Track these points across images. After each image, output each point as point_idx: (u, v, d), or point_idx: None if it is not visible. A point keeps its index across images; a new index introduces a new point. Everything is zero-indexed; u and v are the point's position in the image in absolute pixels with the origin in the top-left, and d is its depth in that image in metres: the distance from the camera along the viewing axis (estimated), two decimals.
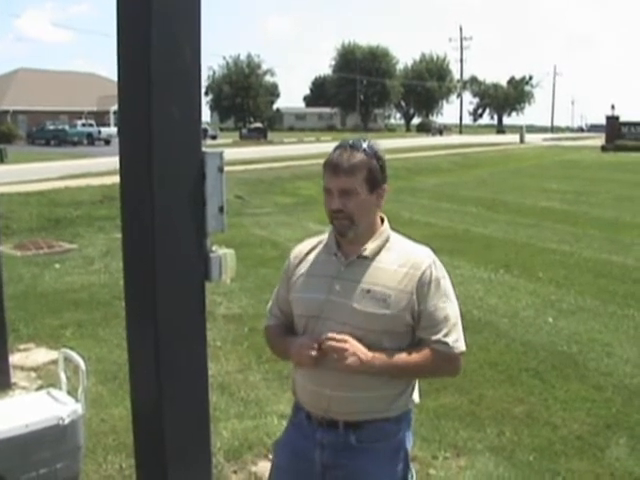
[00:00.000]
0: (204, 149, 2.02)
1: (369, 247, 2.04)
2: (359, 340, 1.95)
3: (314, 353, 1.95)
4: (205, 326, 2.33)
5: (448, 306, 2.02)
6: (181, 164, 1.95)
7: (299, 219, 13.30)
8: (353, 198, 1.96)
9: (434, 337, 1.99)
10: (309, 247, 2.18)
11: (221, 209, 2.15)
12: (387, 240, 2.08)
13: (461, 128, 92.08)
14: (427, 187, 19.72)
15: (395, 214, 12.31)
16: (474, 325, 6.06)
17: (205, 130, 50.57)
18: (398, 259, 2.02)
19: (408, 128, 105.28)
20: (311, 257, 2.14)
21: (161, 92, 1.80)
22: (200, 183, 2.02)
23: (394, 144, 36.67)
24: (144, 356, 2.03)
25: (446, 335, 1.99)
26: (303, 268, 2.13)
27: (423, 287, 1.99)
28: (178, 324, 2.08)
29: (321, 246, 2.15)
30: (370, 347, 1.95)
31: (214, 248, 2.21)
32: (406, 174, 22.57)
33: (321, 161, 2.07)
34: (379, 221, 2.11)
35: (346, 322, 1.98)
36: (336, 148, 2.02)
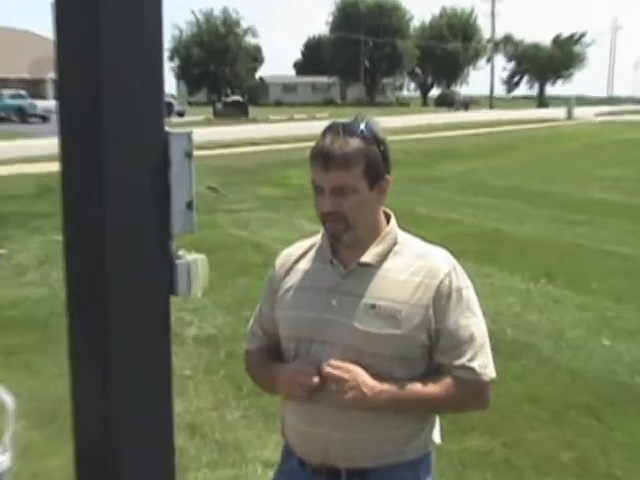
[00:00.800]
0: (168, 129, 2.02)
1: (373, 252, 2.05)
2: (365, 368, 1.97)
3: (315, 380, 1.96)
4: (170, 351, 2.32)
5: (473, 322, 2.04)
6: (138, 148, 1.95)
7: (289, 216, 13.32)
8: (349, 197, 1.98)
9: (456, 362, 2.00)
10: (299, 253, 2.19)
11: (189, 204, 2.15)
12: (395, 242, 2.09)
13: (492, 101, 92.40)
14: (448, 176, 19.78)
15: (408, 210, 12.36)
16: (508, 348, 6.07)
17: (170, 105, 50.62)
18: (409, 266, 2.04)
19: (425, 102, 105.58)
20: (301, 265, 2.16)
21: (112, 56, 1.80)
22: (163, 172, 2.01)
23: (407, 122, 36.73)
24: (92, 391, 2.02)
25: (471, 359, 2.01)
26: (292, 279, 2.14)
27: (441, 300, 2.01)
28: (135, 349, 2.07)
29: (313, 251, 2.16)
30: (377, 376, 1.97)
31: (181, 253, 2.20)
32: (422, 160, 22.63)
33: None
34: (383, 219, 2.11)
35: (346, 346, 1.99)
36: (325, 133, 2.02)
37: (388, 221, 2.12)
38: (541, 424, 4.85)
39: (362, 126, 1.99)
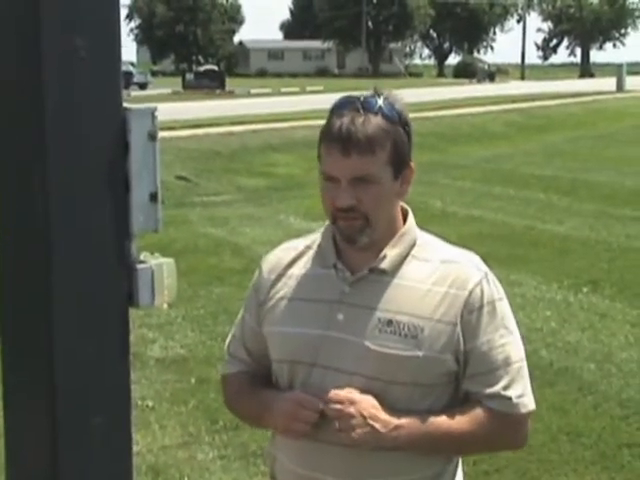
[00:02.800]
0: (126, 105, 2.02)
1: (388, 255, 2.05)
2: (378, 398, 1.96)
3: (316, 415, 1.95)
4: (129, 376, 2.32)
5: (509, 342, 2.05)
6: (89, 128, 1.94)
7: (275, 211, 13.34)
8: (372, 188, 1.97)
9: (489, 390, 2.01)
10: (292, 255, 2.19)
11: (153, 197, 2.14)
12: (413, 244, 2.09)
13: (523, 70, 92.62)
14: (470, 162, 19.83)
15: (421, 203, 12.39)
16: (544, 373, 6.09)
17: (128, 75, 50.62)
18: (432, 273, 2.04)
19: (441, 72, 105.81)
20: (296, 271, 2.15)
21: (54, 14, 1.80)
22: (120, 158, 2.01)
23: (419, 96, 36.69)
24: (32, 429, 2.03)
25: (507, 387, 2.01)
26: (284, 288, 2.14)
27: (472, 315, 2.01)
28: (86, 375, 2.07)
29: (311, 253, 2.16)
30: (394, 408, 1.97)
31: (143, 257, 2.20)
32: (438, 143, 22.67)
33: (308, 123, 2.09)
34: (400, 217, 2.11)
35: (355, 371, 1.99)
36: (338, 109, 2.00)
37: (404, 219, 2.13)
38: (585, 467, 4.85)
39: (380, 101, 1.98)
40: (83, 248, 1.97)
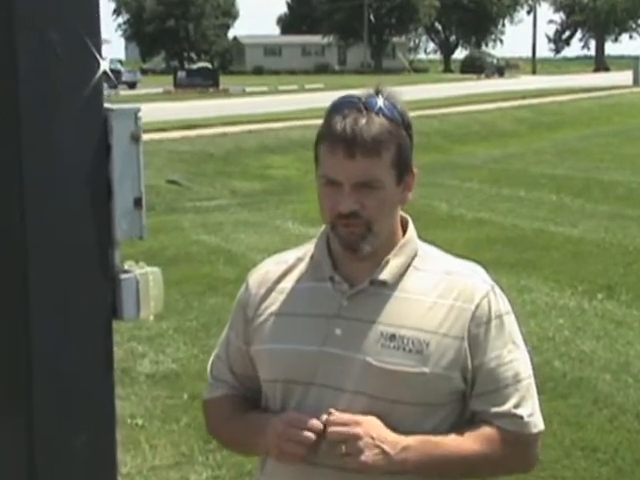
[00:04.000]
0: (108, 105, 2.01)
1: (389, 267, 2.04)
2: (381, 419, 1.95)
3: (313, 437, 1.93)
4: (113, 394, 2.31)
5: (517, 357, 2.05)
6: (67, 130, 1.94)
7: (271, 216, 13.34)
8: (376, 193, 1.97)
9: (498, 409, 2.01)
10: (282, 269, 2.17)
11: (137, 202, 2.14)
12: (415, 254, 2.09)
13: (534, 65, 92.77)
14: (477, 162, 19.84)
15: (426, 206, 12.39)
16: (556, 384, 6.09)
17: (117, 73, 50.63)
18: (436, 285, 2.04)
19: (448, 67, 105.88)
20: (287, 285, 2.14)
21: (28, 6, 1.79)
22: (101, 162, 2.01)
23: (425, 93, 36.81)
24: (8, 447, 2.02)
25: (518, 405, 2.02)
26: (275, 303, 2.12)
27: (479, 329, 2.01)
28: (67, 391, 2.07)
29: (303, 266, 2.15)
30: (397, 430, 1.96)
31: (127, 266, 2.20)
32: (444, 142, 22.70)
33: (307, 123, 2.09)
34: (400, 226, 2.11)
35: (357, 389, 1.98)
36: (339, 109, 1.99)
37: (403, 228, 2.12)
38: None
39: (380, 101, 1.98)
40: (63, 258, 1.96)
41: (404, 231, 2.11)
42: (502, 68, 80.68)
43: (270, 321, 2.11)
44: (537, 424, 2.04)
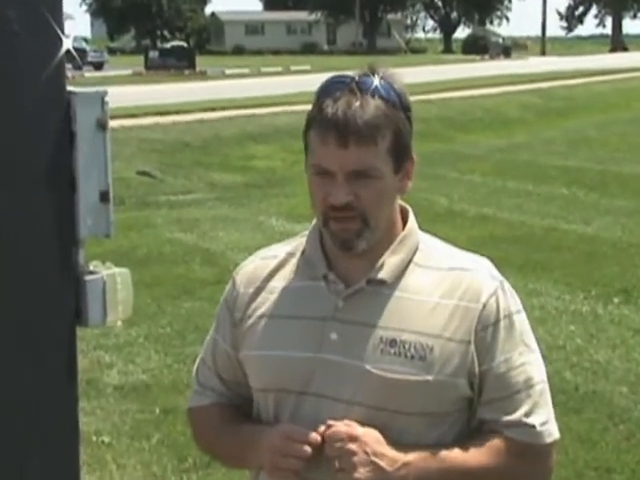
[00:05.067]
0: (72, 88, 2.00)
1: (387, 264, 2.04)
2: (382, 431, 1.96)
3: (309, 450, 1.94)
4: (77, 408, 2.30)
5: (530, 361, 2.05)
6: (26, 116, 1.94)
7: (253, 211, 13.34)
8: (372, 184, 1.97)
9: (508, 418, 2.01)
10: (272, 265, 2.17)
11: (104, 196, 2.14)
12: (416, 249, 2.09)
13: (544, 44, 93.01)
14: (481, 152, 19.88)
15: (423, 200, 12.39)
16: (568, 398, 6.10)
17: (81, 52, 50.63)
18: (439, 284, 2.04)
19: (448, 47, 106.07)
20: (278, 284, 2.14)
21: None
22: (64, 151, 2.01)
23: (423, 76, 36.85)
24: None
25: (529, 413, 2.01)
26: (265, 304, 2.13)
27: (487, 331, 2.01)
28: (23, 405, 2.06)
29: (294, 262, 2.15)
30: (399, 442, 1.96)
31: (93, 266, 2.19)
32: (444, 130, 22.74)
33: (293, 109, 2.08)
34: (399, 218, 2.11)
35: (355, 399, 1.99)
36: (329, 89, 1.98)
37: (404, 220, 2.12)
38: None
39: (376, 81, 1.97)
40: (21, 257, 1.96)
41: (404, 223, 2.10)
42: (508, 48, 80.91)
43: (260, 324, 2.11)
44: (552, 433, 2.04)
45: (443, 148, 19.64)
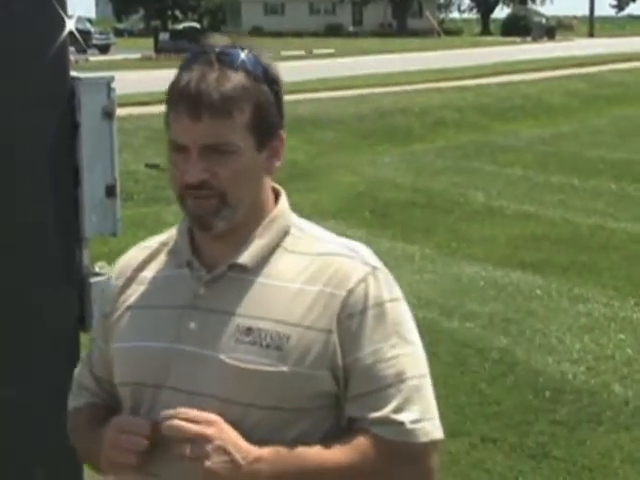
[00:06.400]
0: (76, 74, 2.02)
1: (252, 248, 2.08)
2: (236, 426, 1.97)
3: (144, 442, 1.95)
4: None
5: (403, 354, 2.05)
6: (27, 104, 1.95)
7: None
8: (229, 160, 2.01)
9: (375, 414, 2.01)
10: (144, 255, 2.24)
11: (110, 191, 2.15)
12: (285, 233, 2.12)
13: (592, 25, 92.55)
14: (521, 143, 19.82)
15: (459, 196, 12.40)
16: (617, 413, 6.09)
17: (86, 34, 50.78)
18: (305, 269, 2.07)
19: (486, 28, 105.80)
20: (148, 274, 2.19)
21: None
22: (67, 142, 2.02)
23: (458, 60, 36.75)
24: None
25: (399, 409, 2.01)
26: (133, 295, 2.18)
27: (352, 319, 2.02)
28: (22, 417, 2.09)
29: (166, 251, 2.21)
30: (253, 439, 1.97)
31: (99, 268, 2.21)
32: (480, 119, 22.69)
33: (316, 96, 2.09)
34: (271, 198, 2.15)
35: (209, 392, 2.00)
36: (188, 62, 2.04)
37: (277, 201, 2.15)
38: None
39: (243, 54, 2.03)
40: (20, 259, 1.97)
41: (276, 205, 2.15)
42: (552, 29, 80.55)
43: (125, 316, 2.16)
44: (428, 432, 2.03)
45: (479, 139, 19.58)
